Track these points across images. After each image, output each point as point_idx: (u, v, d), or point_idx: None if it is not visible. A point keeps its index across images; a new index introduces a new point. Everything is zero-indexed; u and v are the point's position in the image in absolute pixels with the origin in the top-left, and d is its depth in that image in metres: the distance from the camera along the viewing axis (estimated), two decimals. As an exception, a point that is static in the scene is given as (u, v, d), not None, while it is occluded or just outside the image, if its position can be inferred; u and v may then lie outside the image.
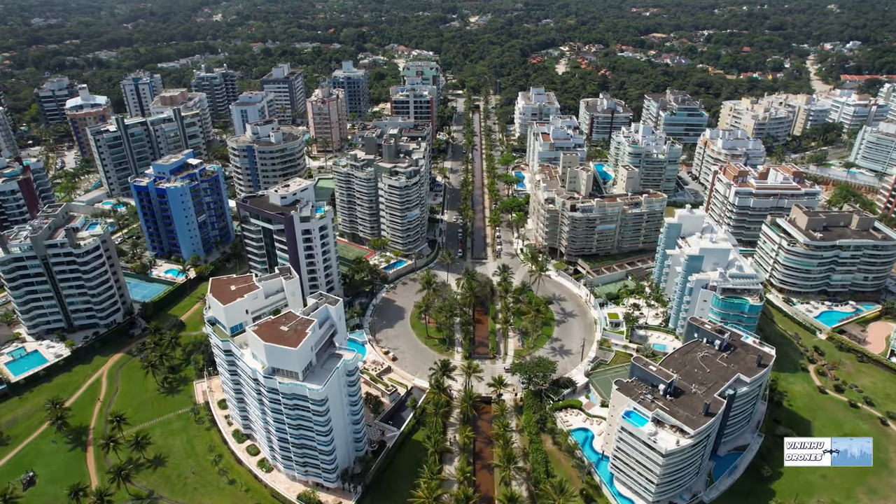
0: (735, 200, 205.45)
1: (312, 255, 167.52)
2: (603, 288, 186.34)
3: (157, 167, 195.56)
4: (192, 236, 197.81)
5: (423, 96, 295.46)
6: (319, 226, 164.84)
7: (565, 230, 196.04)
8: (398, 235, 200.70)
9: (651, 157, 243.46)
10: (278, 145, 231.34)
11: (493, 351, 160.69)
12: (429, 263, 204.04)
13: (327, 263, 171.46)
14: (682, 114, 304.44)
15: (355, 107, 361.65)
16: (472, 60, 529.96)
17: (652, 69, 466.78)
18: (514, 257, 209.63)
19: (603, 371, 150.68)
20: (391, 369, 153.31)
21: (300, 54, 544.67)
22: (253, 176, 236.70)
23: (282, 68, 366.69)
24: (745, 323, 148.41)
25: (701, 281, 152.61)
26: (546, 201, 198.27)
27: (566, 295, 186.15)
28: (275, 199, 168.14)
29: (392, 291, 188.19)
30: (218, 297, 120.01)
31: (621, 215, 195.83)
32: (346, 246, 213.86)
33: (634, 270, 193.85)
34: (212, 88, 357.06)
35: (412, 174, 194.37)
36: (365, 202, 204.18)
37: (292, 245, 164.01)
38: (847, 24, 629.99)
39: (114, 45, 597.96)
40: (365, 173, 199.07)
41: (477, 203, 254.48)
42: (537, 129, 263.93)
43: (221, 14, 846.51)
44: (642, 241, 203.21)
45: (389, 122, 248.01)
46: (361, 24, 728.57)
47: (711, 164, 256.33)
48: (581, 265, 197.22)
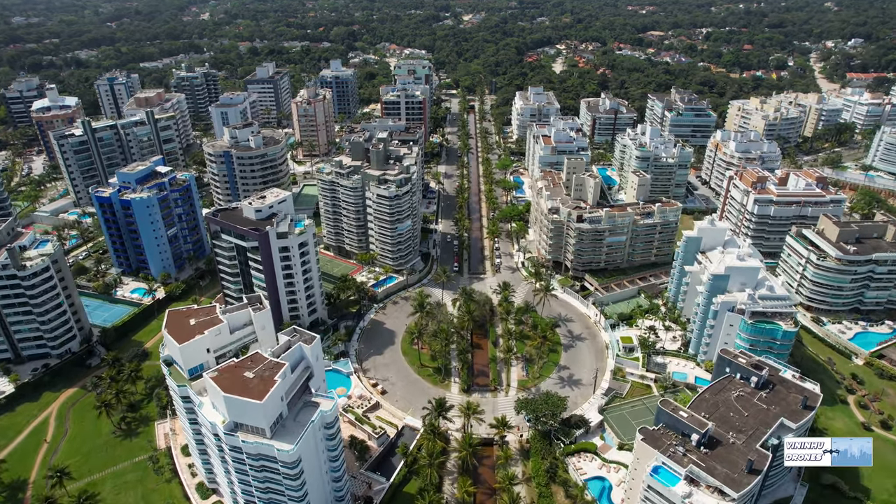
0: (754, 209, 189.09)
1: (291, 274, 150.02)
2: (613, 307, 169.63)
3: (122, 176, 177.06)
4: (161, 252, 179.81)
5: (414, 96, 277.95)
6: (299, 242, 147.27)
7: (571, 243, 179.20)
8: (388, 249, 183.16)
9: (660, 160, 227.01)
10: (258, 150, 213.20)
11: (495, 382, 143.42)
12: (422, 279, 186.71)
13: (308, 283, 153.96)
14: (688, 114, 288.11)
15: (344, 108, 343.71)
16: (466, 59, 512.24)
17: (652, 67, 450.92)
18: (514, 272, 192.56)
19: (618, 406, 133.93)
20: (379, 405, 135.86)
21: (288, 53, 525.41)
22: (231, 184, 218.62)
23: (266, 67, 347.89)
24: (777, 351, 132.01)
25: (727, 303, 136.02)
26: (550, 211, 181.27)
27: (573, 315, 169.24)
28: (248, 212, 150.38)
29: (381, 312, 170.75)
30: (174, 333, 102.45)
31: (632, 226, 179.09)
32: (331, 260, 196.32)
33: (647, 287, 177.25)
34: (192, 89, 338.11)
35: (403, 182, 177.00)
36: (351, 213, 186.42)
37: (268, 264, 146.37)
38: (847, 22, 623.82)
39: (95, 44, 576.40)
40: (351, 181, 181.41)
41: (473, 211, 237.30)
42: (537, 131, 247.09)
43: (209, 13, 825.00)
44: (655, 255, 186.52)
45: (379, 124, 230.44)
46: (352, 22, 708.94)
47: (724, 168, 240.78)
48: (588, 281, 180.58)
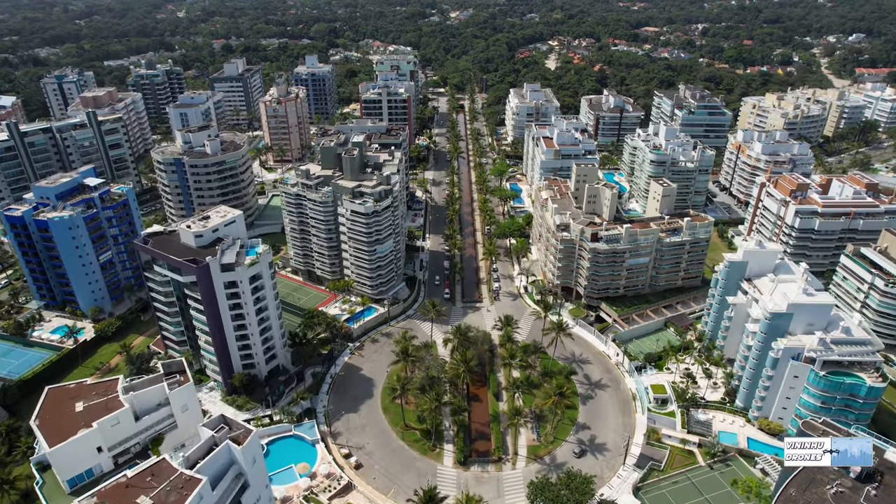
0: (795, 222, 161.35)
1: (242, 315, 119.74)
2: (638, 344, 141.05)
3: (39, 191, 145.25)
4: (91, 281, 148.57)
5: (398, 94, 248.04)
6: (250, 275, 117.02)
7: (584, 266, 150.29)
8: (365, 276, 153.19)
9: (678, 165, 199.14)
10: (214, 157, 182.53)
11: (499, 451, 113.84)
12: (407, 310, 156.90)
13: (265, 325, 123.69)
14: (701, 112, 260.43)
15: (321, 108, 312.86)
16: (454, 55, 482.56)
17: (652, 63, 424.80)
18: (515, 299, 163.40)
19: (657, 483, 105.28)
20: (352, 486, 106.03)
21: (265, 51, 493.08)
22: (185, 196, 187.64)
23: (235, 64, 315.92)
24: (859, 412, 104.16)
25: (790, 350, 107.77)
26: (558, 228, 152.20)
27: (589, 354, 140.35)
28: (187, 237, 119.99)
29: (358, 354, 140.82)
30: (50, 425, 72.14)
31: (656, 245, 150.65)
32: (299, 287, 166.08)
33: (675, 318, 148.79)
34: (153, 88, 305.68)
35: (382, 195, 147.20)
36: (321, 232, 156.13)
37: (210, 304, 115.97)
38: (845, 17, 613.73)
39: (58, 41, 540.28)
40: (320, 195, 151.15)
41: (466, 224, 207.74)
42: (537, 132, 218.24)
43: (185, 10, 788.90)
44: (682, 278, 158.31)
45: (356, 125, 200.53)
46: (335, 19, 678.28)
47: (748, 172, 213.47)
48: (605, 311, 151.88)
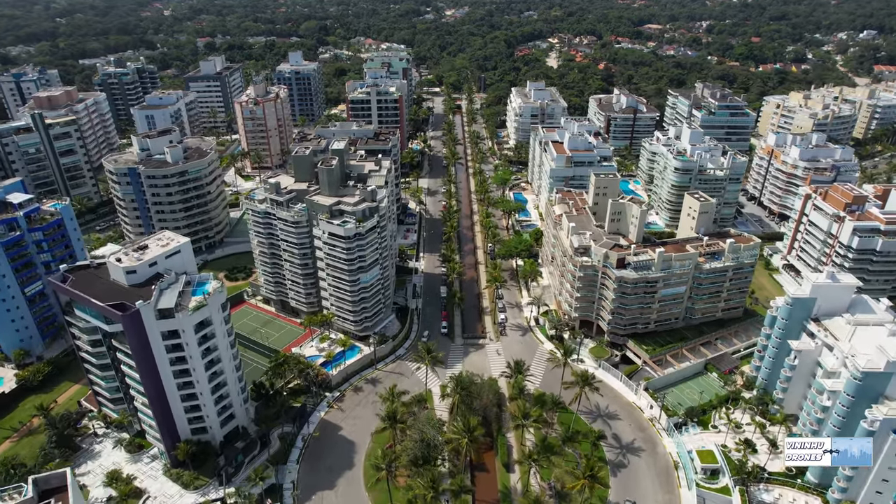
0: (853, 241, 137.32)
1: (187, 370, 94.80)
2: (675, 393, 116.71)
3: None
4: (14, 318, 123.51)
5: (388, 94, 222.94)
6: (196, 322, 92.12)
7: (609, 297, 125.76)
8: (347, 309, 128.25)
9: (706, 173, 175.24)
10: (175, 166, 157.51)
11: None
12: (396, 349, 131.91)
13: (218, 380, 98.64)
14: (723, 113, 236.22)
15: (306, 109, 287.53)
16: (450, 53, 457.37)
17: (660, 61, 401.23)
18: (525, 333, 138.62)
19: None
20: None
21: (250, 49, 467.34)
22: (142, 211, 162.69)
23: (212, 61, 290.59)
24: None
25: (890, 422, 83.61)
26: (577, 251, 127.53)
27: (617, 406, 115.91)
28: (117, 273, 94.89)
29: (337, 407, 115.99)
30: None
31: (694, 272, 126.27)
32: (272, 320, 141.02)
33: (717, 359, 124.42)
34: (122, 88, 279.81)
35: (367, 214, 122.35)
36: (294, 257, 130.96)
37: (144, 360, 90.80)
38: (854, 14, 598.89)
39: (34, 39, 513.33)
40: (292, 213, 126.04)
41: (465, 240, 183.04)
42: (545, 135, 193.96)
43: (172, 9, 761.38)
44: (722, 310, 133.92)
45: (339, 129, 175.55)
46: (326, 17, 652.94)
47: (784, 181, 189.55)
48: (633, 350, 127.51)
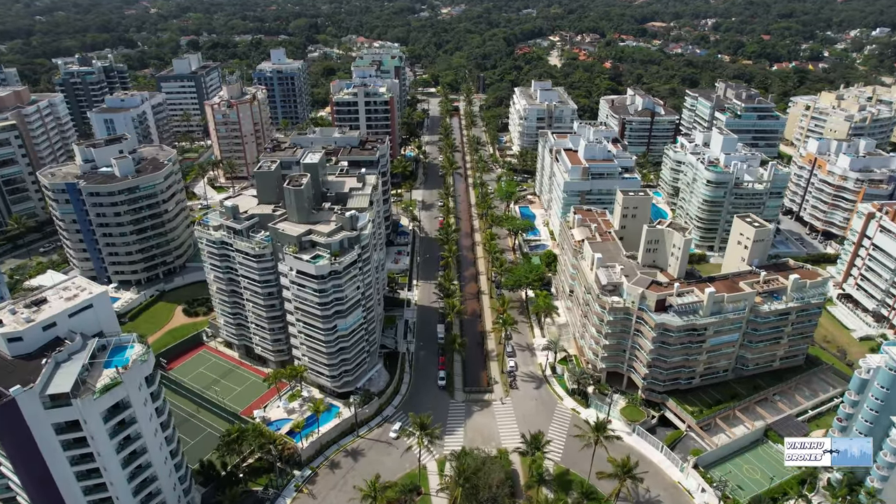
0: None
1: (97, 469, 70.22)
2: (732, 471, 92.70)
3: None
4: None
5: (378, 95, 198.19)
6: (105, 408, 67.61)
7: (646, 346, 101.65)
8: (322, 362, 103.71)
9: (743, 186, 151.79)
10: (123, 181, 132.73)
11: None
12: (383, 409, 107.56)
13: (146, 475, 74.27)
14: (749, 115, 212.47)
15: (289, 111, 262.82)
16: (447, 51, 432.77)
17: (669, 60, 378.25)
18: (539, 385, 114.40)
19: None
20: None
21: (235, 47, 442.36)
22: (86, 234, 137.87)
23: (186, 60, 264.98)
24: None
25: None
26: (605, 290, 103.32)
27: (659, 488, 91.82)
28: (-1, 339, 70.39)
29: (308, 492, 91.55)
30: None
31: (749, 315, 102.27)
32: (234, 368, 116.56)
33: (780, 423, 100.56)
34: (85, 88, 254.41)
35: (345, 246, 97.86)
36: (258, 297, 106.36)
37: (28, 459, 66.42)
38: (864, 11, 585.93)
39: (7, 37, 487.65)
40: (252, 244, 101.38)
41: (465, 265, 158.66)
42: (556, 142, 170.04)
43: (158, 6, 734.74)
44: (780, 358, 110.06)
45: (318, 135, 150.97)
46: (317, 15, 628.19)
47: (831, 194, 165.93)
48: (673, 410, 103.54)
